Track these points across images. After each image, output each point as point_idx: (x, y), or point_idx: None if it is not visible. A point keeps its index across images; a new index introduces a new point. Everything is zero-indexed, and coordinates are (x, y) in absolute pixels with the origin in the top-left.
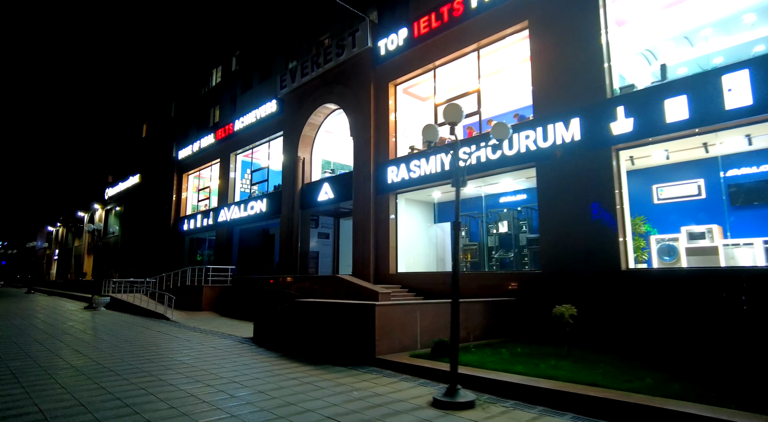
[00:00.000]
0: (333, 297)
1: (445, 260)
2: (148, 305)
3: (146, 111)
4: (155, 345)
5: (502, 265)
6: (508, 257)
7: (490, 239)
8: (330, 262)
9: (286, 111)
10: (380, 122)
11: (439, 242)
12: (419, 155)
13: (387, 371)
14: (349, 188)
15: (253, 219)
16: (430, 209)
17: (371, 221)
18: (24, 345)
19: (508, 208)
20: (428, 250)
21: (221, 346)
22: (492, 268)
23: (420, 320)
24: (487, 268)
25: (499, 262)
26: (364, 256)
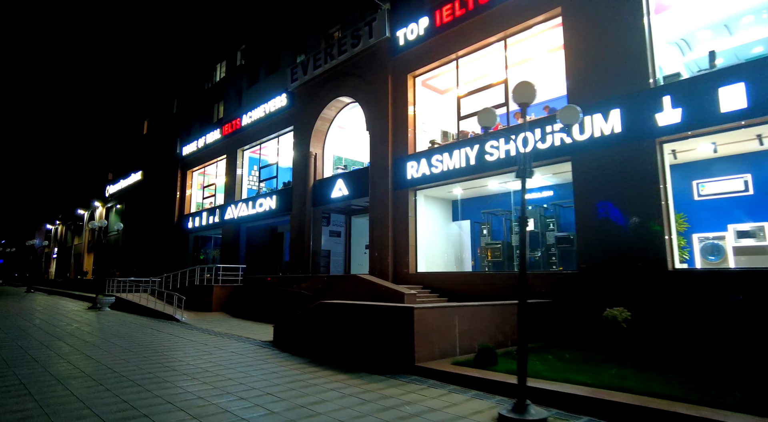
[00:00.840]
0: (352, 298)
1: (464, 260)
2: (156, 306)
3: (147, 108)
4: (171, 350)
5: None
6: (533, 257)
7: (514, 238)
8: (342, 261)
9: (297, 105)
10: (398, 115)
11: (458, 240)
12: (441, 149)
13: (430, 380)
14: (365, 184)
15: (261, 217)
16: (449, 207)
17: (389, 219)
18: (30, 348)
19: (533, 205)
20: (447, 249)
21: (241, 351)
22: (516, 268)
23: (458, 324)
24: (511, 268)
25: None
26: (382, 255)
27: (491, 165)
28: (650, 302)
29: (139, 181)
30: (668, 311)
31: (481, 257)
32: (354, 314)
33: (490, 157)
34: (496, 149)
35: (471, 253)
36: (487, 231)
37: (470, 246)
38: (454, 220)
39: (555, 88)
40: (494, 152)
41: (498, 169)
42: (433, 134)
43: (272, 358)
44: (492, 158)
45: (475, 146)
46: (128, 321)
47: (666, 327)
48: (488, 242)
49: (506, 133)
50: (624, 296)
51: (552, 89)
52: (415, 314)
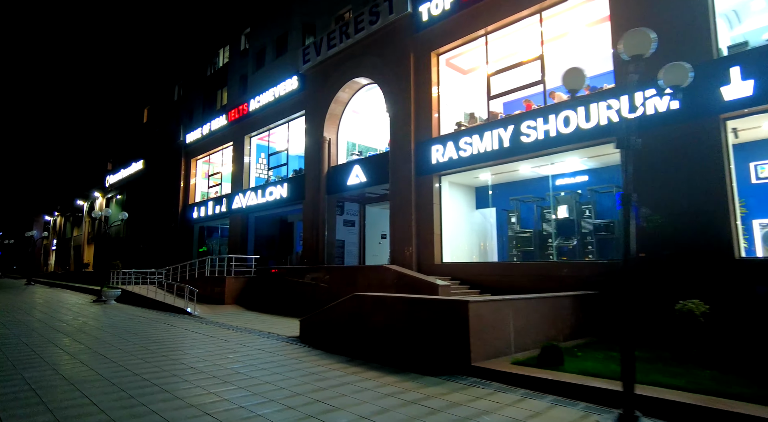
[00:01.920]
0: (378, 290)
1: (487, 249)
2: (165, 299)
3: (147, 95)
4: (191, 347)
5: (560, 254)
6: (566, 246)
7: (545, 226)
8: (356, 251)
9: (309, 88)
10: (421, 96)
11: (482, 229)
12: (470, 131)
13: (494, 383)
14: (384, 170)
15: (271, 206)
16: (472, 194)
17: (412, 206)
18: (36, 346)
19: (566, 191)
20: (471, 238)
21: (268, 348)
22: (548, 258)
23: (513, 319)
24: (543, 257)
25: (557, 251)
26: (404, 244)
27: (527, 147)
28: (718, 295)
29: (140, 170)
30: (739, 304)
31: (509, 246)
32: (396, 308)
33: (527, 138)
34: (533, 130)
35: (496, 243)
36: (515, 219)
37: (495, 235)
38: (478, 208)
39: (592, 66)
40: (531, 133)
41: (534, 151)
42: (455, 116)
43: (305, 357)
44: (528, 140)
45: (509, 126)
46: (137, 314)
47: (738, 321)
48: (517, 230)
49: (544, 112)
50: (686, 287)
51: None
52: (470, 309)
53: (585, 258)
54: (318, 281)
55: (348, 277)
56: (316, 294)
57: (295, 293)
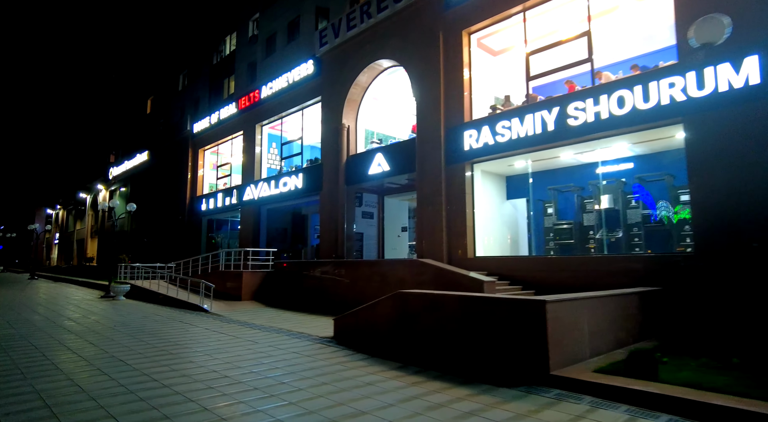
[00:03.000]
0: (414, 286)
1: (519, 243)
2: (178, 295)
3: (151, 85)
4: (218, 350)
5: (602, 248)
6: (609, 239)
7: (586, 217)
8: (375, 244)
9: (326, 72)
10: (451, 78)
11: (513, 221)
12: (509, 114)
13: (585, 396)
14: (409, 158)
15: (285, 197)
16: (502, 183)
17: (442, 196)
18: (47, 349)
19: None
20: (502, 231)
21: (304, 351)
22: (590, 251)
23: (587, 320)
24: (585, 251)
25: (598, 244)
26: (434, 237)
27: (573, 131)
28: None
29: (145, 162)
30: None
31: (545, 239)
32: (450, 308)
33: (574, 121)
34: (581, 112)
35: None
36: (552, 210)
37: (525, 228)
38: (509, 198)
39: (642, 45)
40: (579, 116)
41: (581, 135)
42: (484, 100)
43: (348, 362)
44: (575, 123)
45: (554, 108)
46: (150, 312)
47: None
48: (555, 222)
49: (594, 92)
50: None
51: (639, 45)
52: (548, 310)
53: (632, 252)
54: (342, 276)
55: (377, 272)
56: (341, 290)
57: (316, 288)
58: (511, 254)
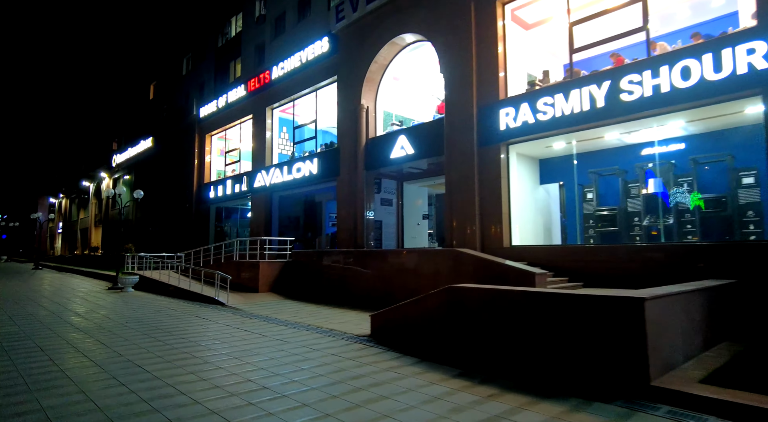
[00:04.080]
0: (452, 278)
1: (551, 231)
2: (191, 287)
3: (153, 70)
4: (246, 353)
5: (649, 235)
6: (656, 225)
7: (630, 203)
8: (393, 233)
9: (343, 50)
10: (484, 53)
11: (546, 207)
12: (551, 89)
13: (706, 416)
14: (437, 140)
15: (298, 184)
16: (536, 166)
17: (475, 181)
18: (53, 351)
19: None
20: (535, 218)
21: (343, 352)
22: (635, 239)
23: (681, 319)
24: (630, 239)
25: (645, 231)
26: (466, 225)
27: (627, 107)
28: None
29: (149, 148)
30: None
31: (584, 226)
32: (516, 305)
33: (628, 96)
34: (637, 86)
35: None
36: (592, 195)
37: (558, 215)
38: (542, 183)
39: (702, 12)
40: (634, 90)
41: (635, 112)
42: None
43: (401, 368)
44: (629, 98)
45: (604, 82)
46: (161, 305)
47: None
48: (596, 208)
49: (653, 63)
50: None
51: (698, 13)
52: (647, 309)
53: (685, 240)
54: (368, 267)
55: (407, 262)
56: (367, 282)
57: (340, 280)
58: (550, 243)
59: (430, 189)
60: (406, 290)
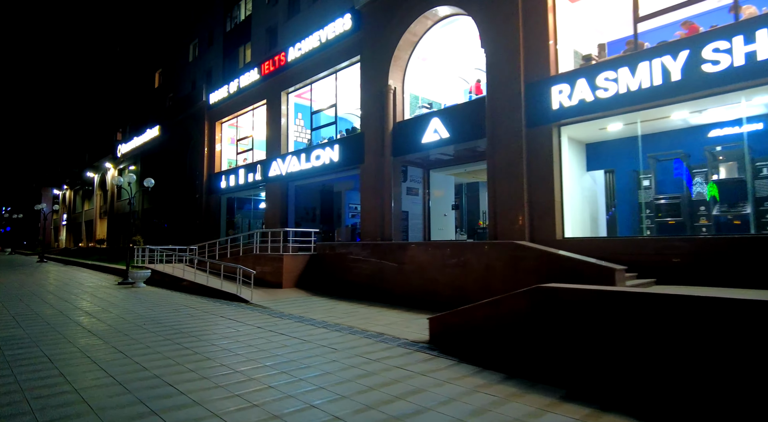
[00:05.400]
0: (508, 275)
1: (598, 221)
2: (209, 282)
3: (158, 58)
4: (293, 365)
5: (720, 226)
6: (726, 216)
7: (696, 190)
8: (420, 224)
9: (368, 27)
10: (532, 24)
11: (593, 196)
12: (613, 63)
13: None
14: (475, 122)
15: (317, 172)
16: (582, 152)
17: (523, 166)
18: (63, 362)
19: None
20: (582, 207)
21: (409, 365)
22: (701, 231)
23: None
24: (695, 231)
25: (715, 222)
26: (513, 215)
27: (709, 80)
28: None
29: (156, 137)
30: None
31: (640, 216)
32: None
33: (712, 67)
34: (724, 55)
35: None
36: (650, 183)
37: (603, 204)
38: (589, 169)
39: None
40: (721, 59)
41: (720, 85)
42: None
43: (488, 386)
44: (714, 69)
45: (681, 52)
46: (178, 302)
47: None
48: (655, 196)
49: (744, 27)
50: None
51: None
52: None
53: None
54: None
55: (453, 256)
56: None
57: (372, 275)
58: (597, 235)
59: (457, 178)
60: (452, 288)
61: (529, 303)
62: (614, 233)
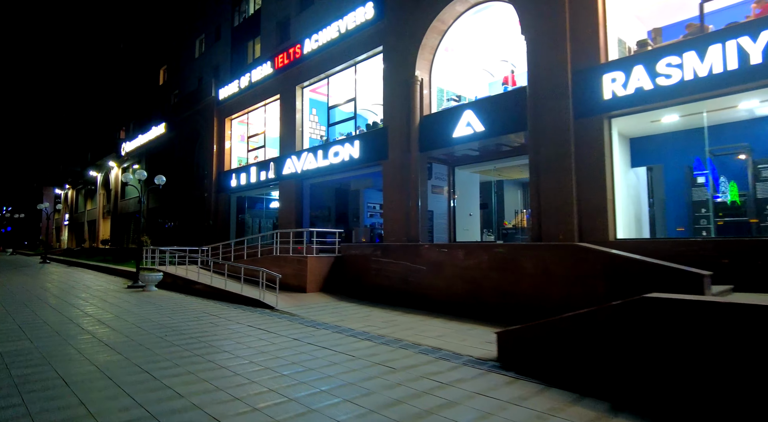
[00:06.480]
0: (570, 280)
1: (642, 220)
2: (227, 286)
3: (163, 54)
4: (355, 391)
5: None
6: None
7: (760, 188)
8: (445, 224)
9: (392, 15)
10: (579, 8)
11: (636, 194)
12: (677, 47)
13: None
14: (514, 113)
15: (335, 170)
16: (627, 146)
17: (571, 160)
18: (83, 388)
19: None
20: (627, 206)
21: (486, 390)
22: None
23: None
24: (761, 232)
25: None
26: (560, 214)
27: None
28: None
29: (162, 135)
30: None
31: (694, 216)
32: None
33: None
34: None
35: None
36: (706, 179)
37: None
38: (633, 165)
39: None
40: None
41: None
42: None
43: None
44: None
45: (763, 32)
46: (197, 308)
47: None
48: (714, 194)
49: None
50: None
51: None
52: None
53: None
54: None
55: (502, 259)
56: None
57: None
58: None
59: (482, 175)
60: (499, 293)
61: (631, 318)
62: (659, 233)
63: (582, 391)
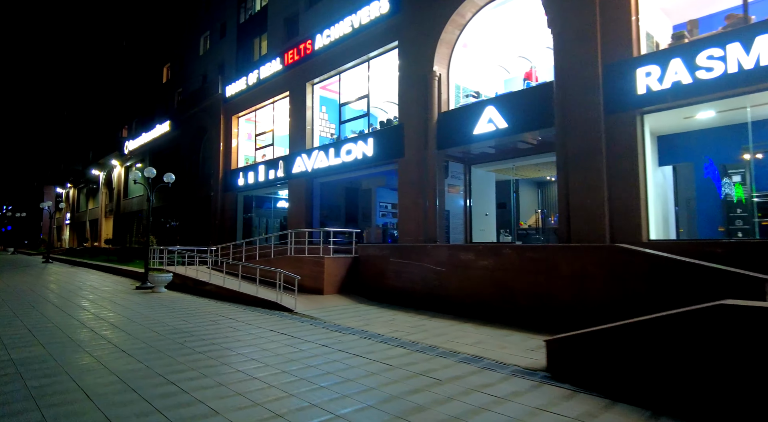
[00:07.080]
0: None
1: (669, 221)
2: (241, 288)
3: (166, 52)
4: (404, 406)
5: None
6: None
7: None
8: (461, 224)
9: (409, 9)
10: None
11: (663, 194)
12: (720, 38)
13: None
14: (539, 108)
15: (347, 168)
16: (654, 144)
17: (602, 157)
18: (106, 402)
19: None
20: (655, 205)
21: (546, 405)
22: None
23: None
24: None
25: None
26: (590, 214)
27: None
28: None
29: (166, 133)
30: None
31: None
32: None
33: None
34: None
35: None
36: (741, 178)
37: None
38: (662, 163)
39: None
40: None
41: None
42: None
43: None
44: None
45: None
46: (212, 311)
47: None
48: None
49: None
50: None
51: None
52: None
53: None
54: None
55: (532, 261)
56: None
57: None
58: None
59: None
60: (531, 296)
61: (709, 328)
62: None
63: (654, 408)
